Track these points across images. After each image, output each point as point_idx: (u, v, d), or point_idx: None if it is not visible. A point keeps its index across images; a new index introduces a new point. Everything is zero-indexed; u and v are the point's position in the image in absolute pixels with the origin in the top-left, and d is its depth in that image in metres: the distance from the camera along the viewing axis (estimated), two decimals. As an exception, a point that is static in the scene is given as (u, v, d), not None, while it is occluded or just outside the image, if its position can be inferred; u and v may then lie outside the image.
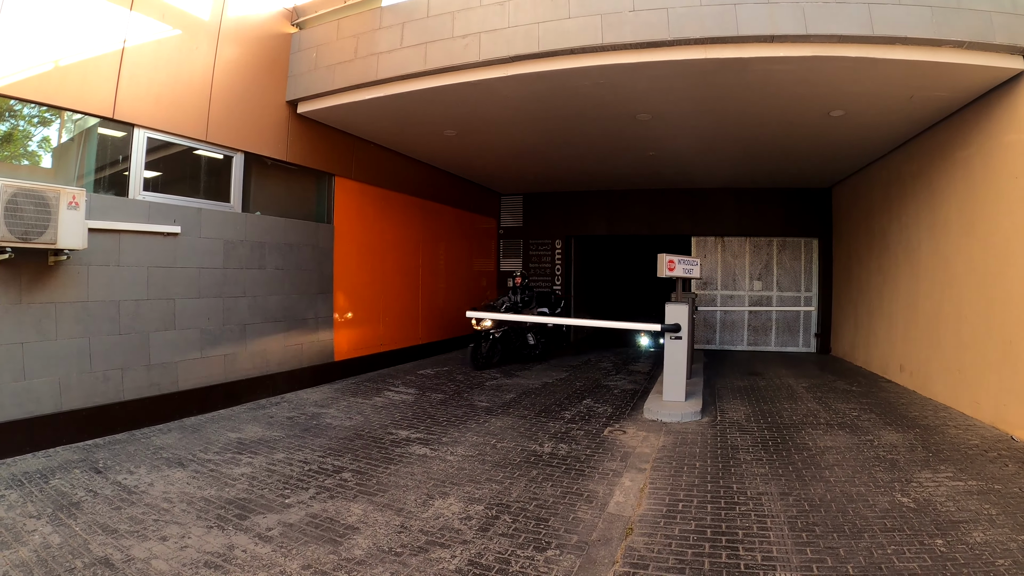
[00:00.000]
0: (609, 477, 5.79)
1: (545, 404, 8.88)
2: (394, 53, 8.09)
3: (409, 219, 12.73)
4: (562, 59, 7.29)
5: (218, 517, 4.71)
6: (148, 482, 5.38)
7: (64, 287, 6.34)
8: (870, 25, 6.43)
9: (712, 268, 15.89)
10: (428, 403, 8.85)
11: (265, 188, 9.19)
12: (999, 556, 4.02)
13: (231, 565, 3.93)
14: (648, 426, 7.66)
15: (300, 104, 9.20)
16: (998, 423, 7.18)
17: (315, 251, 9.89)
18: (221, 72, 8.05)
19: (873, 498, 5.13)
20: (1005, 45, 6.55)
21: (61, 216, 5.83)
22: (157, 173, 7.51)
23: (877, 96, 7.91)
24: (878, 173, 11.72)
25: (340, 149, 10.41)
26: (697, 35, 6.72)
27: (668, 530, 4.59)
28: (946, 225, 8.79)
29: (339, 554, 4.13)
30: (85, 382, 6.53)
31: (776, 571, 3.90)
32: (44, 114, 6.63)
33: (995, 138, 7.48)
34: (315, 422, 7.64)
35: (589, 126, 9.98)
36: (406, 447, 6.66)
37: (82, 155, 6.91)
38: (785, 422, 7.78)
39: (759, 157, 11.92)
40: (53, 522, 4.47)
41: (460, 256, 15.31)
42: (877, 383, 10.53)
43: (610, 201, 16.56)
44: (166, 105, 7.38)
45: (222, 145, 8.20)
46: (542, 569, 3.97)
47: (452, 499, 5.18)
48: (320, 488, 5.38)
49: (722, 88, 7.88)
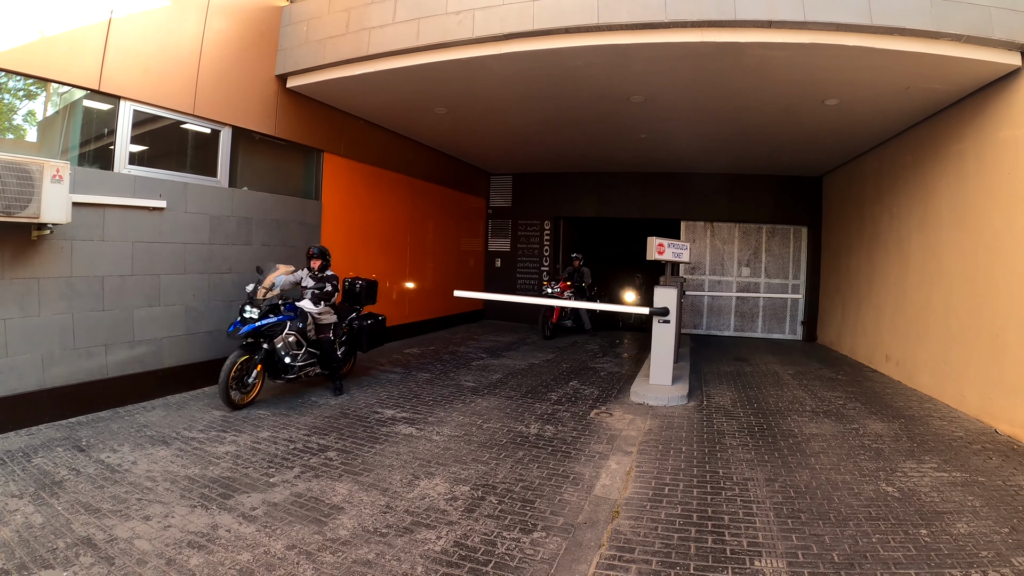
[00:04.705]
0: (595, 460, 5.80)
1: (531, 385, 8.88)
2: (386, 28, 7.96)
3: (398, 197, 12.64)
4: (556, 38, 7.20)
5: (202, 496, 4.67)
6: (131, 460, 5.32)
7: (47, 262, 6.23)
8: (869, 14, 6.38)
9: (701, 253, 15.91)
10: (414, 382, 8.83)
11: (253, 163, 9.07)
12: (982, 548, 4.05)
13: (215, 545, 3.90)
14: (634, 409, 7.67)
15: (289, 78, 9.06)
16: (983, 416, 7.24)
17: (302, 228, 9.80)
18: (209, 45, 7.90)
19: (858, 486, 5.16)
20: (1003, 41, 6.53)
21: (45, 190, 5.69)
22: (143, 147, 7.38)
23: (873, 86, 7.88)
24: (870, 164, 11.72)
25: (329, 125, 10.28)
26: (694, 17, 6.65)
27: (654, 514, 4.60)
28: (937, 218, 8.81)
29: (324, 534, 4.10)
30: (68, 359, 6.44)
31: (762, 557, 3.92)
32: (30, 87, 6.48)
33: (989, 133, 7.48)
34: (300, 400, 7.60)
35: (582, 107, 9.91)
36: (392, 426, 6.65)
37: (67, 128, 6.76)
38: (771, 408, 7.82)
39: (752, 143, 11.89)
40: (35, 501, 4.42)
41: (448, 235, 15.24)
42: (863, 372, 10.60)
43: (600, 183, 16.52)
44: (153, 78, 7.23)
45: (209, 119, 8.06)
46: (528, 551, 3.97)
47: (438, 479, 5.17)
48: (305, 467, 5.35)
49: (717, 72, 7.82)
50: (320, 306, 7.78)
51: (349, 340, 8.66)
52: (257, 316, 7.05)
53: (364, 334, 8.68)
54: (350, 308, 8.85)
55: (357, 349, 8.82)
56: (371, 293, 9.14)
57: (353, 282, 9.01)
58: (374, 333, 8.86)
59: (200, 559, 3.72)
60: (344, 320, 8.55)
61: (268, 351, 7.24)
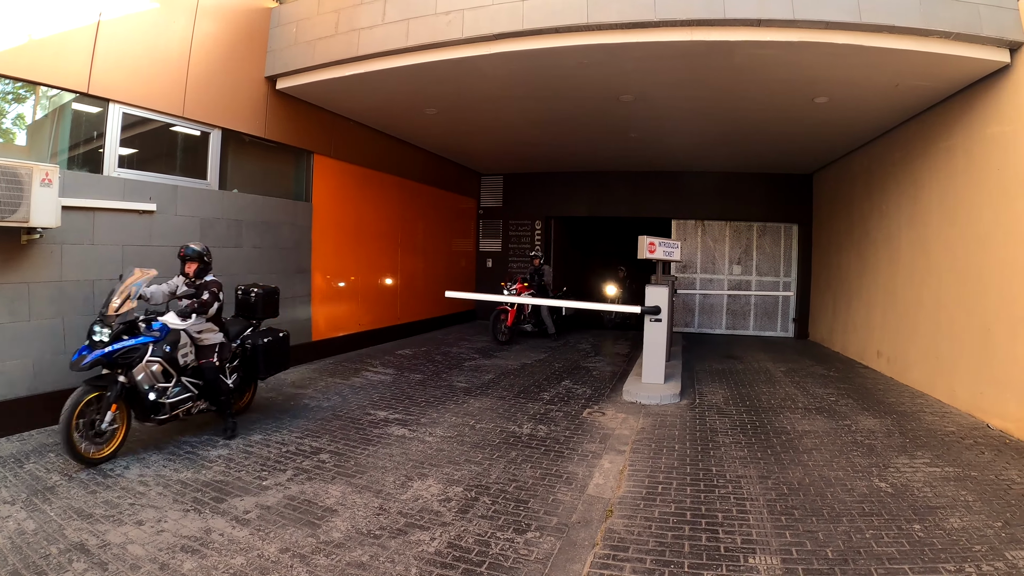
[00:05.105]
0: (588, 459, 5.80)
1: (524, 385, 8.88)
2: (376, 29, 7.95)
3: (388, 198, 12.61)
4: (547, 37, 7.20)
5: (195, 500, 4.65)
6: (123, 465, 5.30)
7: (37, 267, 6.19)
8: (858, 12, 6.41)
9: (692, 252, 15.94)
10: (407, 383, 8.81)
11: (243, 165, 9.04)
12: (976, 542, 4.07)
13: (208, 549, 3.88)
14: (627, 408, 7.68)
15: (279, 80, 9.04)
16: (974, 411, 7.28)
17: (293, 229, 9.77)
18: (199, 46, 7.86)
19: (851, 483, 5.18)
20: (992, 38, 6.57)
21: (34, 193, 5.65)
22: (133, 150, 7.35)
23: (862, 84, 7.92)
24: (860, 161, 11.77)
25: (319, 126, 10.26)
26: (684, 16, 6.66)
27: (648, 512, 4.61)
28: (927, 214, 8.85)
29: (317, 537, 4.09)
30: (59, 364, 6.37)
31: (756, 554, 3.93)
32: (18, 90, 6.45)
33: (978, 130, 7.52)
34: (292, 403, 7.58)
35: (572, 106, 9.91)
36: (385, 428, 6.63)
37: (56, 131, 6.73)
38: (763, 406, 7.84)
39: (742, 141, 11.93)
40: (28, 507, 4.39)
41: (439, 236, 15.22)
42: (854, 369, 10.64)
43: (591, 182, 16.53)
44: (142, 80, 7.20)
45: (199, 121, 8.03)
46: (522, 551, 3.97)
47: (431, 481, 5.16)
48: (298, 470, 5.34)
49: (707, 71, 7.84)
50: (192, 321, 6.06)
51: (244, 364, 6.87)
52: (108, 339, 5.34)
53: (260, 355, 6.85)
54: (245, 323, 7.13)
55: (255, 376, 7.01)
56: (270, 303, 7.38)
57: (248, 290, 7.30)
58: (272, 353, 7.03)
59: (193, 563, 3.70)
60: (236, 339, 6.82)
61: (128, 385, 5.43)
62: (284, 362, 7.31)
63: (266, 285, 7.40)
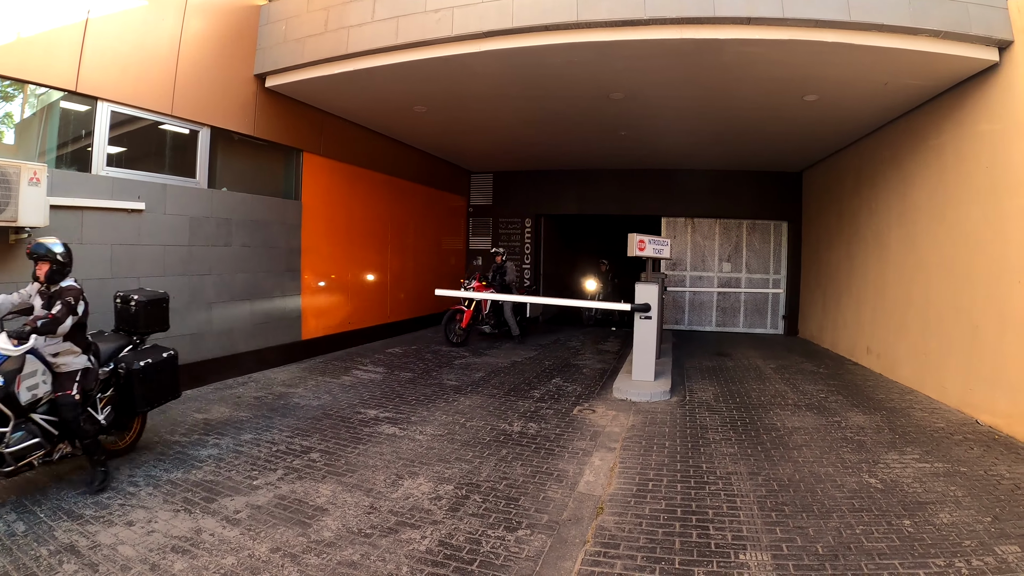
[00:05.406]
0: (579, 456, 5.81)
1: (514, 383, 8.88)
2: (365, 27, 7.92)
3: (378, 196, 12.57)
4: (536, 35, 7.19)
5: (185, 500, 4.63)
6: (113, 465, 5.26)
7: (26, 266, 6.10)
8: (847, 10, 6.43)
9: (682, 249, 15.96)
10: (397, 382, 8.80)
11: (232, 164, 8.99)
12: (965, 537, 4.10)
13: (199, 549, 3.87)
14: (617, 405, 7.69)
15: (268, 78, 8.99)
16: (963, 407, 7.33)
17: (283, 228, 9.73)
18: (188, 44, 7.82)
19: (841, 479, 5.20)
20: (981, 36, 6.60)
21: (22, 193, 5.62)
22: (121, 148, 7.30)
23: (852, 82, 7.94)
24: (850, 159, 11.81)
25: (309, 125, 10.21)
26: (673, 14, 6.66)
27: (639, 509, 4.62)
28: (916, 212, 8.90)
29: (308, 536, 4.09)
30: (46, 362, 6.34)
31: (746, 550, 3.94)
32: (6, 88, 6.40)
33: (967, 127, 7.56)
34: (283, 402, 7.55)
35: (562, 104, 9.89)
36: (375, 427, 6.62)
37: (44, 130, 6.69)
38: (753, 402, 7.87)
39: (732, 139, 11.94)
40: (17, 509, 4.36)
41: (429, 234, 15.18)
42: (844, 365, 10.69)
43: (581, 180, 16.49)
44: (131, 78, 7.15)
45: (188, 119, 7.98)
46: (513, 549, 3.97)
47: (422, 479, 5.16)
48: (288, 469, 5.32)
49: (697, 69, 7.84)
50: (32, 344, 4.34)
51: (121, 393, 5.35)
52: None
53: (134, 382, 5.30)
54: (125, 340, 5.64)
55: (134, 408, 5.42)
56: (156, 314, 5.82)
57: (128, 298, 5.68)
58: (150, 380, 5.45)
59: (184, 564, 3.69)
60: (109, 361, 5.33)
61: None
62: (170, 390, 5.78)
63: (152, 291, 5.95)
